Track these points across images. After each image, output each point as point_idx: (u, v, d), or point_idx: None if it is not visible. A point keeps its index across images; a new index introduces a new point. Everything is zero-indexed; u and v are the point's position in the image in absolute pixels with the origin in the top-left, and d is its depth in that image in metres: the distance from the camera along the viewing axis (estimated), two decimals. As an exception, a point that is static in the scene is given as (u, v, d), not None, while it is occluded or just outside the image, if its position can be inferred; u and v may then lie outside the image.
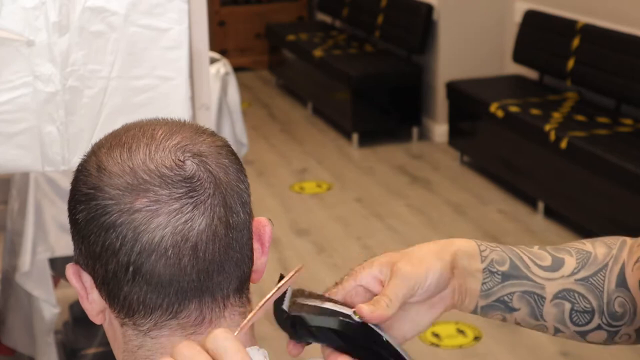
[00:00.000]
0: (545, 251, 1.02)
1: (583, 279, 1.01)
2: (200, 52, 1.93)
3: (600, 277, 1.01)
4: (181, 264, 0.82)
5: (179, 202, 0.81)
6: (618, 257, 1.02)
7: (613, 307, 1.01)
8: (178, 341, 0.84)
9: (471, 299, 1.00)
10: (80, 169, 0.86)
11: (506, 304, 1.00)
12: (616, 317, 1.01)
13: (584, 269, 1.01)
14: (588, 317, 1.02)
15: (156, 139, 0.84)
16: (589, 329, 1.03)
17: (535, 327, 1.03)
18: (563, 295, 1.00)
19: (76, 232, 0.85)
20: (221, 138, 0.88)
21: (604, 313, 1.01)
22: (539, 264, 1.01)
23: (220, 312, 0.85)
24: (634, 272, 1.00)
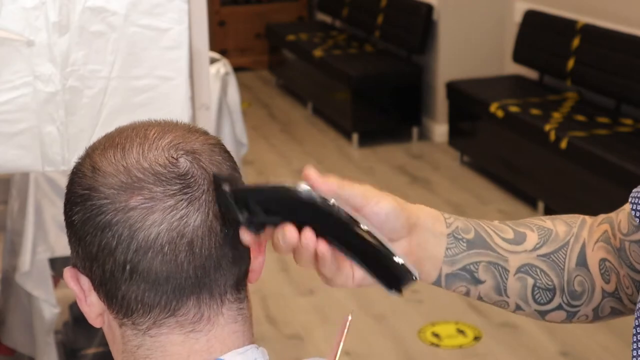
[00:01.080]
0: (506, 225, 1.00)
1: (545, 255, 0.99)
2: (200, 52, 1.93)
3: (562, 255, 1.00)
4: (178, 261, 0.82)
5: (173, 198, 0.82)
6: (579, 235, 1.02)
7: (573, 286, 1.00)
8: (176, 339, 0.85)
9: (433, 265, 0.95)
10: (75, 172, 0.86)
11: (472, 274, 0.97)
12: (575, 296, 1.00)
13: (546, 246, 1.00)
14: (550, 295, 1.00)
15: (149, 138, 0.85)
16: (549, 308, 1.01)
17: (496, 302, 1.00)
18: (526, 270, 0.99)
19: (72, 234, 0.86)
20: (213, 137, 0.89)
21: (565, 291, 1.00)
22: (501, 236, 0.99)
23: (218, 309, 0.86)
24: (595, 252, 1.00)
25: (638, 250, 0.97)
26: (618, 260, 1.00)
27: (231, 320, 0.87)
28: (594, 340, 3.39)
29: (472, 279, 0.97)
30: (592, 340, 3.39)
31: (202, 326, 0.85)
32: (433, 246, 0.95)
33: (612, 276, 1.01)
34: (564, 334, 3.44)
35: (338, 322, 3.62)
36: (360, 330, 3.49)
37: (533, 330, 3.48)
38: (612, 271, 1.01)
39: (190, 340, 0.85)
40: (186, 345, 0.85)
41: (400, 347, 3.40)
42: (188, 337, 0.85)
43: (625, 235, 0.99)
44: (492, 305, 1.01)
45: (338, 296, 3.81)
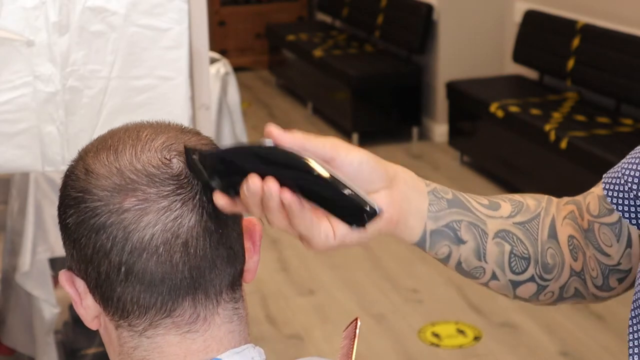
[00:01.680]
0: (480, 195, 1.00)
1: (520, 224, 0.99)
2: (200, 52, 1.93)
3: (535, 225, 1.00)
4: (173, 261, 0.82)
5: (167, 199, 0.82)
6: (548, 209, 1.02)
7: (546, 258, 1.00)
8: (173, 340, 0.85)
9: (418, 218, 0.92)
10: (69, 174, 0.86)
11: (455, 233, 0.95)
12: (547, 268, 1.00)
13: (520, 215, 1.00)
14: (525, 265, 0.99)
15: (141, 140, 0.85)
16: (522, 279, 1.00)
17: (474, 269, 0.98)
18: (503, 236, 0.98)
19: (67, 237, 0.86)
20: (206, 137, 0.89)
21: (538, 262, 0.99)
22: (478, 201, 0.99)
23: (214, 309, 0.86)
24: (563, 227, 1.01)
25: (608, 233, 0.98)
26: (585, 241, 1.00)
27: (227, 320, 0.87)
28: (594, 340, 3.39)
29: (455, 237, 0.95)
30: (592, 340, 3.39)
31: (198, 326, 0.85)
32: (416, 200, 0.92)
33: (580, 255, 1.01)
34: (564, 334, 3.44)
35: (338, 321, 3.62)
36: (361, 330, 3.48)
37: (533, 330, 3.48)
38: (579, 249, 1.01)
39: (186, 340, 0.85)
40: (183, 346, 0.85)
41: (400, 347, 3.40)
42: (185, 338, 0.85)
43: (596, 217, 0.99)
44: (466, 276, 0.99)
45: (338, 296, 3.81)
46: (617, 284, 1.01)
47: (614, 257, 0.99)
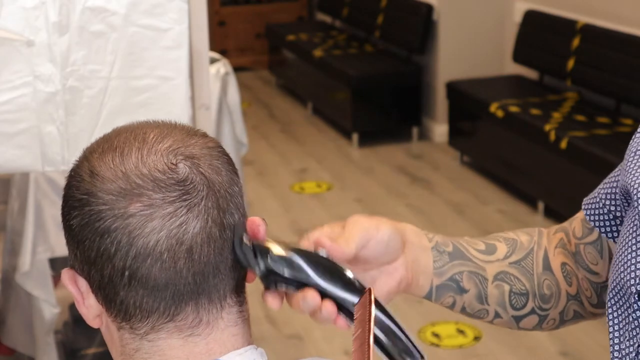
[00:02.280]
0: (477, 239, 1.08)
1: (515, 262, 1.07)
2: (200, 52, 1.93)
3: (530, 261, 1.08)
4: (177, 267, 0.81)
5: (172, 205, 0.81)
6: (540, 243, 1.10)
7: (542, 289, 1.08)
8: (175, 343, 0.85)
9: (426, 277, 1.01)
10: (73, 175, 0.85)
11: (458, 284, 1.03)
12: (545, 299, 1.08)
13: (515, 254, 1.08)
14: (524, 300, 1.07)
15: (148, 142, 0.84)
16: (523, 313, 1.08)
17: (477, 312, 1.07)
18: (501, 277, 1.06)
19: (71, 238, 0.85)
20: (212, 139, 0.88)
21: (536, 295, 1.07)
22: (475, 248, 1.07)
23: (217, 313, 0.85)
24: (556, 257, 1.09)
25: (593, 252, 1.07)
26: (575, 264, 1.09)
27: (231, 323, 0.87)
28: (594, 340, 3.39)
29: (457, 288, 1.04)
30: (592, 340, 3.39)
31: (200, 330, 0.85)
32: (424, 260, 1.01)
33: (573, 279, 1.09)
34: (564, 334, 3.44)
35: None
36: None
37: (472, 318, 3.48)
38: (572, 274, 1.09)
39: (189, 344, 0.85)
40: (185, 349, 0.85)
41: (400, 347, 3.40)
42: (187, 341, 0.85)
43: (580, 238, 1.08)
44: (471, 317, 1.08)
45: (338, 296, 3.80)
46: None
47: (601, 275, 1.07)
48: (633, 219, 0.94)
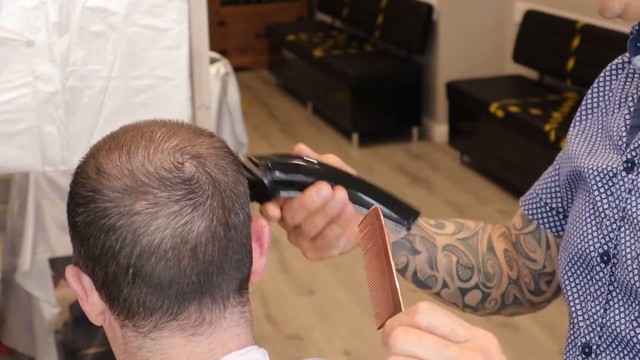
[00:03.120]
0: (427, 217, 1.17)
1: (463, 239, 1.17)
2: (200, 52, 1.93)
3: (475, 241, 1.18)
4: (181, 266, 0.82)
5: (178, 204, 0.81)
6: (485, 229, 1.21)
7: (486, 268, 1.18)
8: (178, 342, 0.85)
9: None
10: (79, 172, 0.86)
11: (411, 244, 1.12)
12: (489, 277, 1.17)
13: (462, 232, 1.18)
14: (470, 273, 1.16)
15: (154, 140, 0.84)
16: (469, 286, 1.17)
17: (428, 278, 1.15)
18: (449, 249, 1.15)
19: (75, 235, 0.85)
20: (219, 139, 0.89)
21: (481, 271, 1.17)
22: (426, 221, 1.15)
23: (220, 313, 0.86)
24: (498, 243, 1.20)
25: (532, 240, 1.19)
26: (516, 253, 1.21)
27: (234, 323, 0.87)
28: (594, 340, 3.38)
29: (411, 248, 1.12)
30: (592, 340, 3.39)
31: (203, 330, 0.85)
32: None
33: (514, 264, 1.20)
34: (564, 334, 3.43)
35: (338, 322, 3.60)
36: (361, 330, 3.49)
37: (533, 330, 3.48)
38: (513, 260, 1.20)
39: (191, 343, 0.85)
40: (187, 348, 0.85)
41: (400, 347, 3.40)
42: (189, 341, 0.85)
43: (520, 229, 1.21)
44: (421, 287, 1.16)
45: (338, 296, 3.81)
46: (546, 287, 1.21)
47: (539, 262, 1.19)
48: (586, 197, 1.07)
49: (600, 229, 1.04)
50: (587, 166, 1.07)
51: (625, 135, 1.06)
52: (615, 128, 1.08)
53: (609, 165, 1.05)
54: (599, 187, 1.05)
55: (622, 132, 1.07)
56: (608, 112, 1.12)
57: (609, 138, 1.08)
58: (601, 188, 1.05)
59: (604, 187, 1.04)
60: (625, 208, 1.01)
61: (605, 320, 1.04)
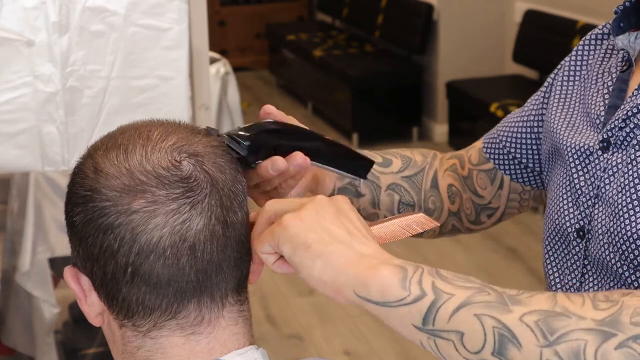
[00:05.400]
0: (375, 152, 1.22)
1: (407, 177, 1.23)
2: (200, 52, 1.93)
3: (420, 178, 1.24)
4: (179, 264, 0.82)
5: (176, 202, 0.81)
6: (432, 164, 1.27)
7: (427, 204, 1.24)
8: (177, 341, 0.85)
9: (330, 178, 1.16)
10: (77, 172, 0.86)
11: (356, 188, 1.19)
12: (429, 212, 1.24)
13: (407, 169, 1.24)
14: (410, 210, 1.23)
15: (152, 140, 0.84)
16: None
17: (370, 215, 1.21)
18: (393, 188, 1.21)
19: (73, 235, 0.85)
20: (216, 138, 0.89)
21: (422, 208, 1.24)
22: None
23: (219, 312, 0.86)
24: (444, 178, 1.27)
25: (484, 178, 1.25)
26: (463, 186, 1.27)
27: (232, 322, 0.87)
28: (594, 340, 3.38)
29: (355, 192, 1.19)
30: (592, 340, 3.38)
31: (202, 328, 0.85)
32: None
33: (457, 199, 1.27)
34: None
35: (338, 322, 3.59)
36: (360, 330, 3.49)
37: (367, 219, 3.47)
38: (457, 195, 1.26)
39: (190, 342, 0.85)
40: (187, 347, 0.85)
41: (401, 347, 3.40)
42: (189, 339, 0.85)
43: (475, 165, 1.26)
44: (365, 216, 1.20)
45: (338, 296, 3.81)
46: (487, 219, 1.28)
47: (486, 198, 1.26)
48: (564, 173, 1.11)
49: (576, 205, 1.08)
50: (565, 143, 1.11)
51: (603, 114, 1.08)
52: (593, 106, 1.11)
53: (586, 144, 1.08)
54: (576, 165, 1.09)
55: (600, 110, 1.09)
56: (586, 85, 1.15)
57: (587, 115, 1.11)
58: (578, 166, 1.08)
59: (581, 165, 1.08)
60: (599, 186, 1.04)
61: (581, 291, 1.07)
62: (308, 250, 0.80)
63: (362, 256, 0.80)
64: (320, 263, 0.80)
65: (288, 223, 0.81)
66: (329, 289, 0.80)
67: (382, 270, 0.78)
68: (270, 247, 0.83)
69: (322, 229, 0.81)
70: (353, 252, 0.80)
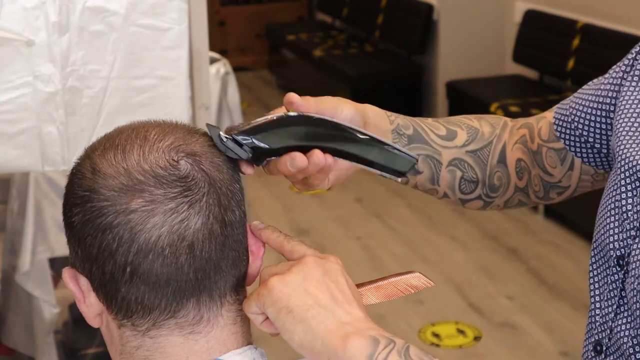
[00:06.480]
0: (439, 123, 1.14)
1: (472, 152, 1.15)
2: (200, 52, 1.93)
3: (486, 152, 1.15)
4: (178, 263, 0.82)
5: (174, 201, 0.81)
6: (501, 136, 1.17)
7: (493, 180, 1.16)
8: (176, 341, 0.85)
9: None
10: (75, 172, 0.86)
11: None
12: (494, 189, 1.16)
13: (473, 143, 1.15)
14: (473, 187, 1.15)
15: (149, 140, 0.84)
16: (470, 197, 1.17)
17: (429, 190, 1.15)
18: (455, 164, 1.14)
19: (72, 235, 0.85)
20: None
21: (486, 184, 1.16)
22: (435, 133, 1.13)
23: (217, 311, 0.86)
24: (513, 152, 1.16)
25: (554, 157, 1.13)
26: (532, 161, 1.15)
27: (230, 321, 0.87)
28: (594, 340, 3.38)
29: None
30: (592, 340, 3.38)
31: (201, 328, 0.85)
32: None
33: (525, 175, 1.16)
34: (564, 334, 3.44)
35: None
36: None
37: (533, 330, 3.48)
38: (525, 170, 1.16)
39: (189, 341, 0.85)
40: (185, 347, 0.85)
41: (400, 347, 3.40)
42: (187, 339, 0.85)
43: (545, 141, 1.14)
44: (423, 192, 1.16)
45: (338, 296, 3.80)
46: (557, 196, 1.17)
47: (556, 177, 1.14)
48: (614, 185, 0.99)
49: (621, 228, 0.97)
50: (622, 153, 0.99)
51: None
52: None
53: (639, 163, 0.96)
54: (626, 184, 0.98)
55: None
56: None
57: None
58: (629, 185, 0.98)
59: (632, 186, 0.97)
60: None
61: (614, 324, 0.98)
62: (290, 314, 0.81)
63: (341, 324, 0.80)
64: (301, 328, 0.81)
65: (273, 286, 0.82)
66: (308, 354, 0.81)
67: (353, 342, 0.78)
68: (257, 308, 0.83)
69: (306, 293, 0.81)
70: (332, 319, 0.80)
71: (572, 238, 4.29)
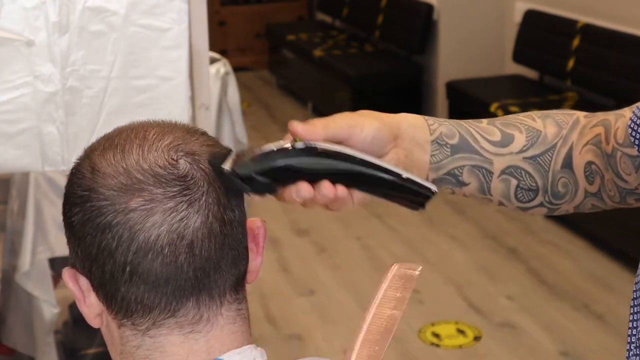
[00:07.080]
0: (494, 126, 1.03)
1: (531, 158, 1.03)
2: (200, 52, 1.93)
3: (548, 157, 1.03)
4: (178, 262, 0.82)
5: (173, 200, 0.82)
6: (567, 137, 1.04)
7: (556, 187, 1.04)
8: (176, 340, 0.85)
9: (420, 171, 0.99)
10: (74, 172, 0.86)
11: (457, 178, 1.02)
12: (558, 196, 1.04)
13: (533, 148, 1.03)
14: (532, 195, 1.04)
15: (148, 139, 0.85)
16: (530, 205, 1.06)
17: (480, 200, 1.06)
18: (510, 172, 1.03)
19: (72, 235, 0.85)
20: (212, 138, 0.89)
21: (548, 192, 1.04)
22: (488, 139, 1.02)
23: (217, 310, 0.86)
24: (582, 155, 1.03)
25: (628, 163, 0.99)
26: (605, 165, 1.02)
27: (230, 320, 0.87)
28: (594, 340, 3.39)
29: (456, 182, 1.02)
30: (592, 340, 3.39)
31: (201, 327, 0.85)
32: (418, 153, 0.99)
33: (597, 179, 1.03)
34: (564, 334, 3.44)
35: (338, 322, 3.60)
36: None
37: (533, 330, 3.48)
38: (597, 174, 1.03)
39: (189, 340, 0.85)
40: (185, 346, 0.85)
41: (401, 347, 3.40)
42: (187, 338, 0.85)
43: (620, 145, 1.00)
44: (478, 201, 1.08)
45: (338, 296, 3.81)
46: (635, 202, 1.04)
47: (631, 184, 1.01)
48: None
49: None
50: None
51: None
52: None
53: None
54: None
55: None
56: None
57: None
58: None
59: None
60: None
61: None
62: None
63: None
64: None
65: None
66: None
67: None
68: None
69: None
70: None
71: (572, 238, 4.29)
